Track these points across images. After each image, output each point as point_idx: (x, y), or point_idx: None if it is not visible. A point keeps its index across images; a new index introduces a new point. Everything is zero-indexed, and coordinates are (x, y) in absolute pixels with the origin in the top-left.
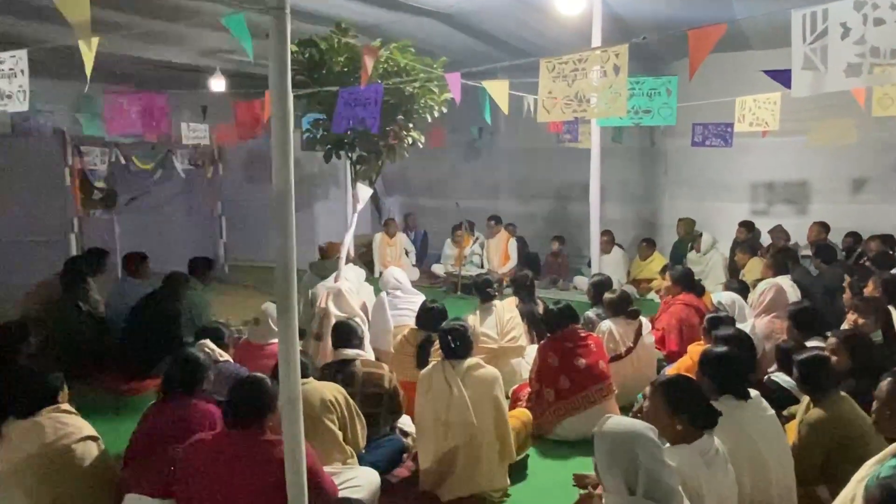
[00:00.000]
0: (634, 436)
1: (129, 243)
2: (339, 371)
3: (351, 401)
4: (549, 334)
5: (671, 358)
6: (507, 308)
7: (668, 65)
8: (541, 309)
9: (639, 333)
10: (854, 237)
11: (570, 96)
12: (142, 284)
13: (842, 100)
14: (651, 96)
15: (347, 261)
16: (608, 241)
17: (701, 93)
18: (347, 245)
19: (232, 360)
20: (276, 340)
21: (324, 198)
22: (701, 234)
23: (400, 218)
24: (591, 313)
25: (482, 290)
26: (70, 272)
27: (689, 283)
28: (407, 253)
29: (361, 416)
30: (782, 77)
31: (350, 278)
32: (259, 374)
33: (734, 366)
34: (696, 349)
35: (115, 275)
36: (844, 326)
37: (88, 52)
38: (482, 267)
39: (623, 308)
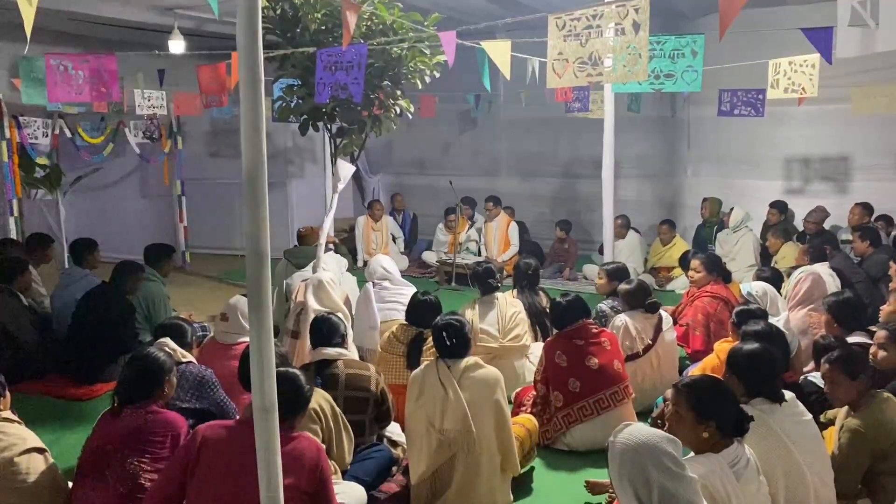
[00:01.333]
0: (648, 448)
1: (76, 228)
2: (318, 373)
3: (338, 410)
4: (556, 330)
5: (695, 356)
6: (510, 302)
7: (692, 22)
8: (544, 302)
9: (658, 329)
10: (886, 220)
11: (583, 58)
12: (91, 275)
13: (891, 61)
14: (674, 58)
15: (327, 248)
16: (623, 224)
17: (729, 54)
18: (327, 230)
19: (196, 362)
20: (246, 339)
21: (300, 176)
22: (732, 209)
23: (386, 199)
24: (604, 305)
25: (483, 281)
26: (8, 261)
27: (718, 269)
28: (394, 239)
29: (349, 427)
30: (823, 36)
31: (331, 267)
32: (293, 371)
33: (766, 365)
34: (723, 347)
35: (61, 264)
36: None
37: (28, 7)
38: (479, 254)
39: (640, 300)
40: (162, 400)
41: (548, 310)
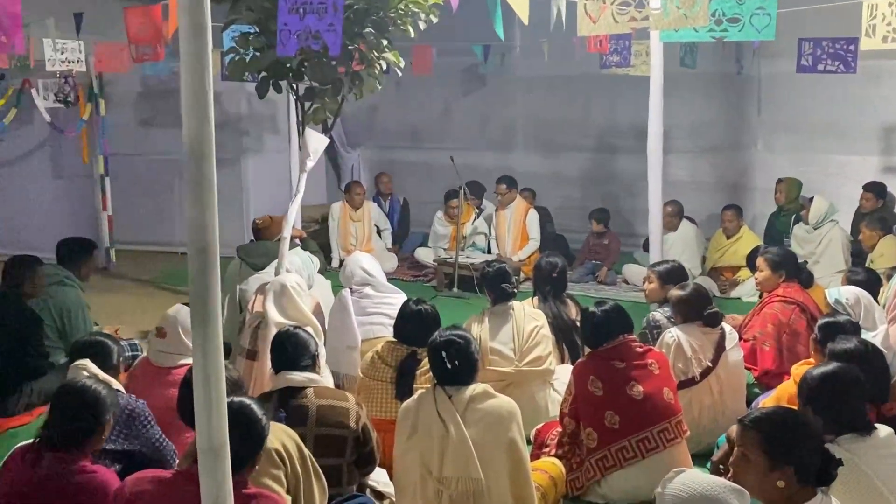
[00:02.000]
0: (706, 502)
1: None
2: (282, 405)
3: (307, 452)
4: (589, 349)
5: (766, 381)
6: (529, 313)
7: None
8: (573, 312)
9: (720, 347)
10: None
11: None
12: None
13: None
14: None
15: (293, 243)
16: (674, 212)
17: None
18: (292, 221)
19: (124, 391)
20: (188, 361)
21: (257, 151)
22: (811, 200)
23: (369, 180)
24: (660, 314)
25: (494, 286)
26: None
27: (791, 270)
28: (379, 232)
29: (321, 474)
30: None
31: (297, 268)
32: (245, 401)
33: (848, 390)
34: (802, 371)
35: None
36: None
37: None
38: (489, 251)
39: (697, 310)
40: (96, 447)
41: (578, 323)
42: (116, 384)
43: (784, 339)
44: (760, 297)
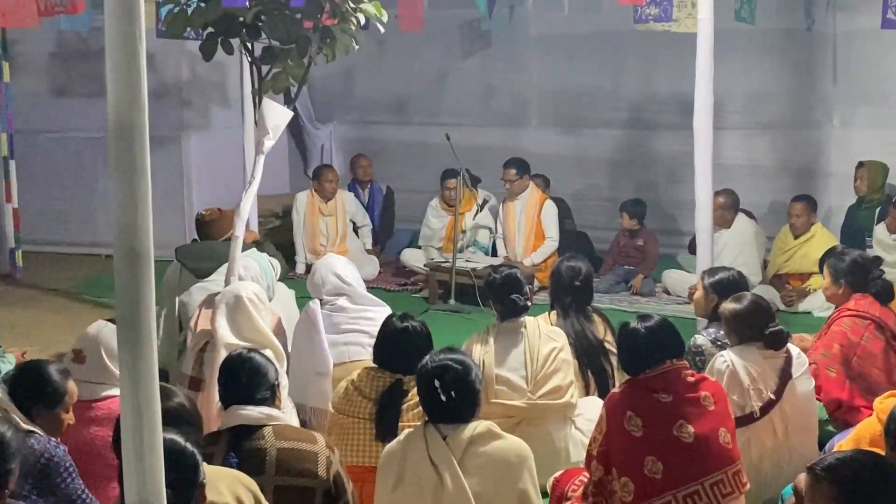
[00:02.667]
0: None
1: None
2: (233, 447)
3: None
4: (627, 375)
5: (843, 417)
6: (545, 332)
7: None
8: (601, 331)
9: (786, 375)
10: None
11: None
12: None
13: None
14: None
15: (248, 244)
16: (728, 204)
17: None
18: (247, 215)
19: (40, 432)
20: (114, 392)
21: (202, 127)
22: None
23: (343, 164)
24: (702, 337)
25: (502, 298)
26: None
27: (857, 280)
28: (356, 228)
29: None
30: None
31: (254, 275)
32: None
33: None
34: (887, 405)
35: None
36: None
37: None
38: (493, 254)
39: (757, 328)
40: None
41: (607, 344)
42: (30, 424)
43: (855, 363)
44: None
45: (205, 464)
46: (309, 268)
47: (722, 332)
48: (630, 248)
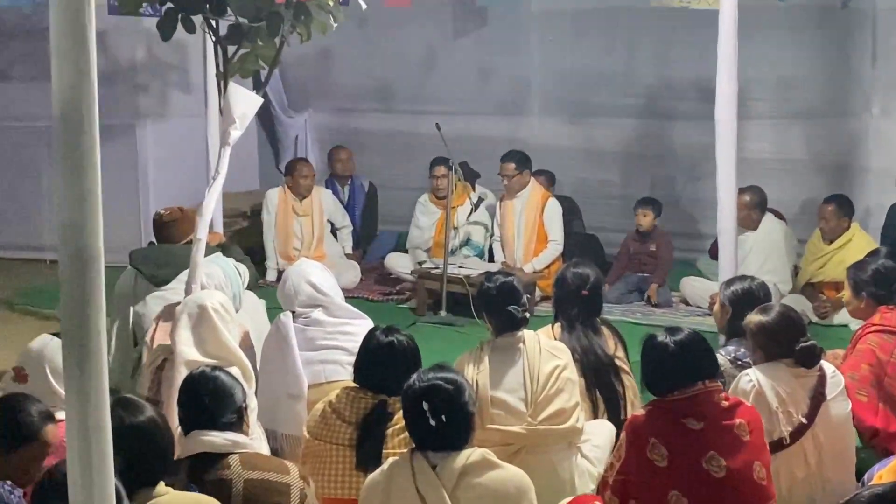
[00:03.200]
0: None
1: None
2: (193, 478)
3: None
4: (655, 396)
5: (882, 444)
6: (548, 348)
7: None
8: (611, 346)
9: (819, 396)
10: None
11: None
12: None
13: None
14: None
15: (212, 248)
16: (754, 203)
17: None
18: (210, 214)
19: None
20: (60, 416)
21: (160, 115)
22: None
23: (321, 157)
24: (722, 356)
25: (499, 309)
26: None
27: (880, 292)
28: (335, 230)
29: None
30: None
31: (219, 283)
32: None
33: None
34: None
35: None
36: None
37: None
38: (490, 258)
39: (786, 344)
40: None
41: (617, 360)
42: None
43: (886, 384)
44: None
45: (168, 489)
46: (280, 275)
47: (743, 350)
48: (642, 253)
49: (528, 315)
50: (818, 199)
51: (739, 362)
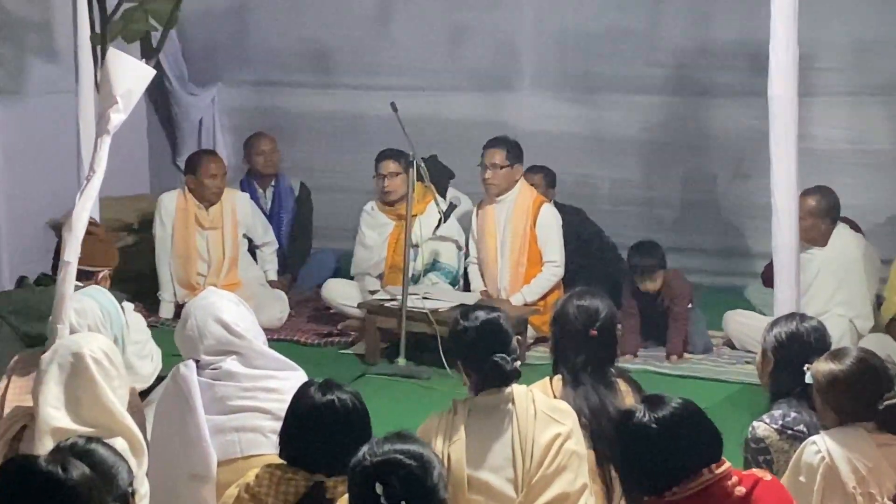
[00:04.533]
0: None
1: None
2: None
3: None
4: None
5: None
6: (545, 410)
7: None
8: (628, 404)
9: None
10: None
11: None
12: None
13: None
14: None
15: (85, 275)
16: (821, 209)
17: None
18: (83, 227)
19: None
20: None
21: (12, 92)
22: None
23: (235, 150)
24: (765, 425)
25: (479, 356)
26: None
27: None
28: (254, 249)
29: None
30: None
31: (94, 321)
32: None
33: None
34: None
35: None
36: None
37: None
38: (465, 286)
39: (865, 402)
40: None
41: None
42: None
43: None
44: None
45: None
46: (180, 310)
47: (794, 415)
48: (656, 313)
49: (518, 364)
50: None
51: (790, 431)
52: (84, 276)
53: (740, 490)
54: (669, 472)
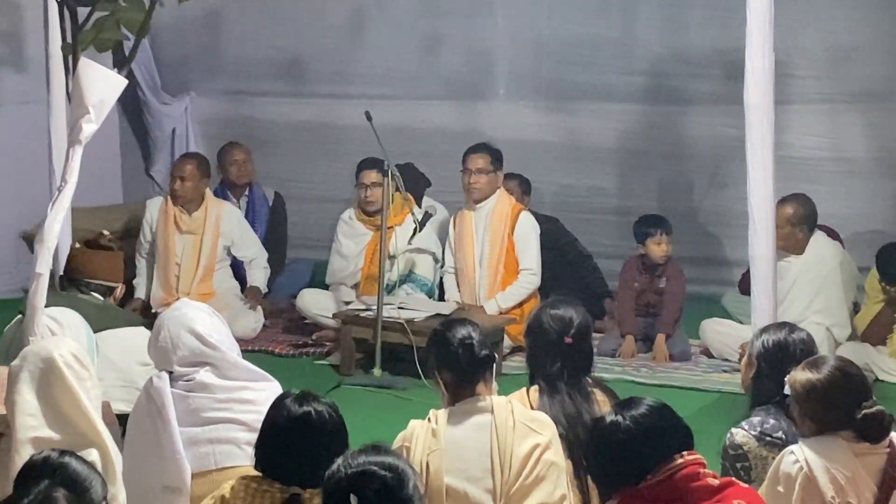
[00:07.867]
0: None
1: None
2: None
3: None
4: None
5: None
6: (522, 420)
7: None
8: (604, 410)
9: (891, 480)
10: None
11: None
12: None
13: None
14: None
15: (105, 294)
16: (798, 217)
17: None
18: (54, 239)
19: None
20: None
21: None
22: None
23: (209, 158)
24: (744, 432)
25: (456, 366)
26: None
27: None
28: (232, 260)
29: None
30: None
31: (71, 328)
32: None
33: None
34: None
35: None
36: None
37: None
38: (441, 296)
39: (844, 411)
40: None
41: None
42: None
43: None
44: None
45: None
46: (156, 320)
47: (773, 422)
48: (650, 291)
49: (491, 374)
50: (885, 213)
51: (769, 438)
52: (105, 292)
53: (714, 481)
54: (643, 462)
